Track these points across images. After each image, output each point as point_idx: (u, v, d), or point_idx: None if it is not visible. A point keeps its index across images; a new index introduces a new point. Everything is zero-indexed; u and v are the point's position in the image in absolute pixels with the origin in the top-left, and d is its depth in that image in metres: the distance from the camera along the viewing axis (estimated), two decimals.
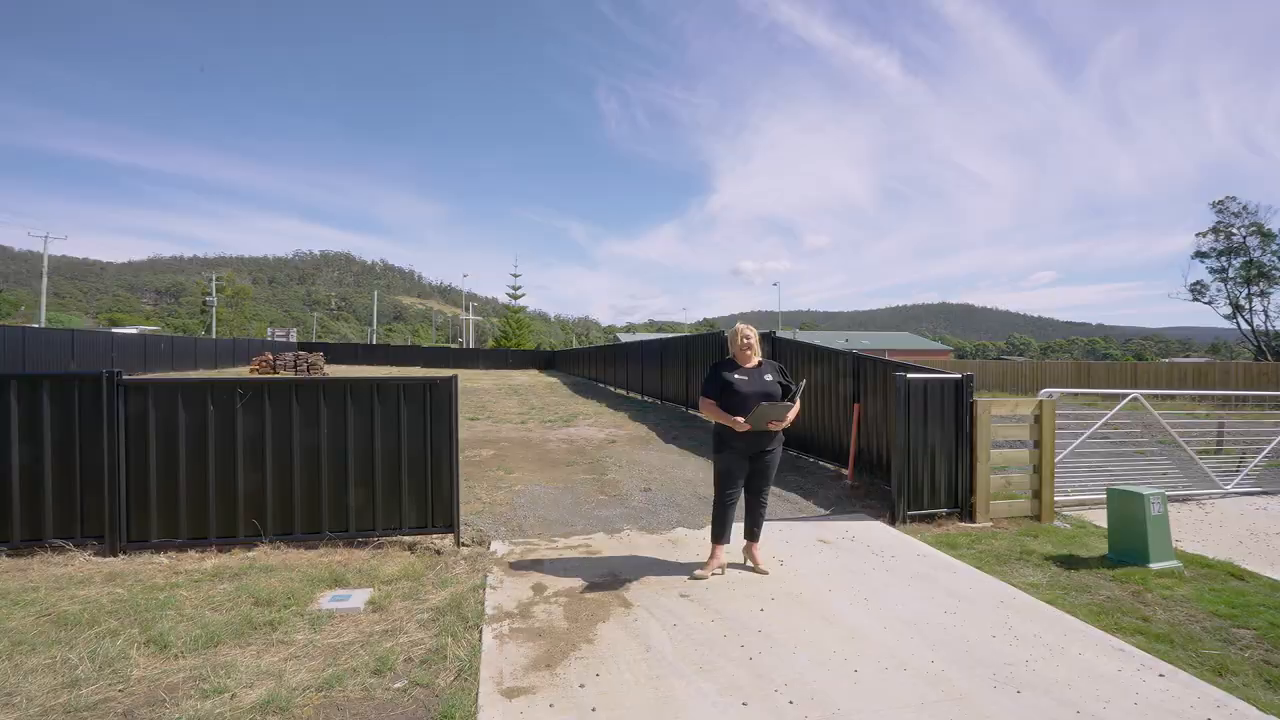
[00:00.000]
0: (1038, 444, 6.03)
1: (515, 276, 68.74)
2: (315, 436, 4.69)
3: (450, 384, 4.89)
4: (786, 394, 4.33)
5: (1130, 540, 4.71)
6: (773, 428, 4.23)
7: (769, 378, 4.34)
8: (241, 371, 28.23)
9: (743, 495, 4.47)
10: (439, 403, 4.87)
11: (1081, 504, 6.53)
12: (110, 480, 4.43)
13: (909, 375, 5.75)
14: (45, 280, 37.93)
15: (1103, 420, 6.78)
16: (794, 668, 3.10)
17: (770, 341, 10.25)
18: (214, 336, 51.03)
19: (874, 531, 5.41)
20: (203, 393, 4.58)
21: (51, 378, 4.43)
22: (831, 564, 4.61)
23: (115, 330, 33.75)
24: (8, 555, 4.37)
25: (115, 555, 4.43)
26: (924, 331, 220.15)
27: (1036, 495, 6.00)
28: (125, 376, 4.51)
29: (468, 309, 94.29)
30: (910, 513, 5.69)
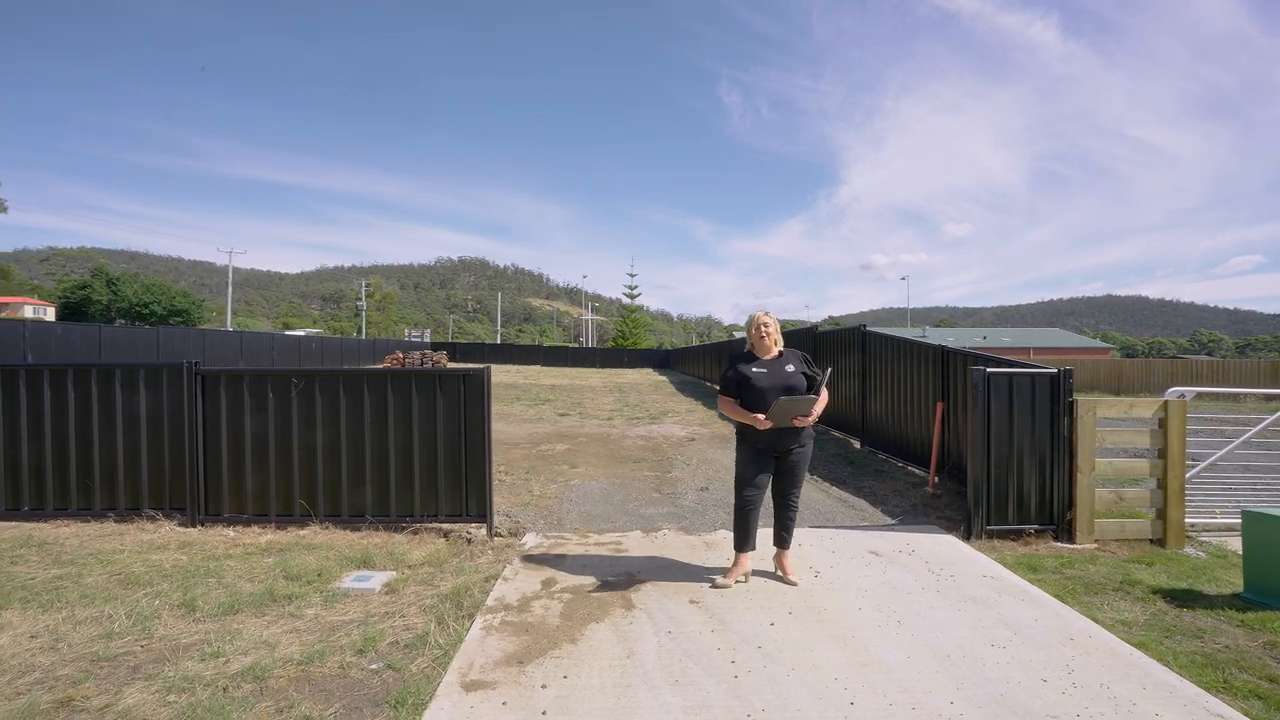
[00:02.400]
0: (1162, 453, 5.03)
1: (631, 277, 70.33)
2: (359, 424, 4.95)
3: (482, 375, 4.95)
4: (812, 386, 3.92)
5: (1273, 577, 3.75)
6: (797, 423, 3.84)
7: (790, 368, 3.95)
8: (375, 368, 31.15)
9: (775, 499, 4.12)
10: (473, 393, 4.95)
11: (1229, 529, 5.36)
12: (190, 458, 4.96)
13: (988, 369, 5.02)
14: (230, 290, 44.46)
15: (1261, 426, 5.52)
16: (780, 693, 2.75)
17: (861, 337, 9.56)
18: (359, 337, 56.89)
19: (940, 546, 4.77)
20: (264, 382, 4.99)
21: (146, 367, 5.05)
22: (875, 579, 4.10)
23: (287, 332, 38.80)
24: (115, 521, 5.03)
25: (194, 526, 4.95)
26: (1084, 329, 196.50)
27: (1161, 515, 5.00)
28: (203, 367, 5.03)
29: (588, 309, 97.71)
30: (990, 527, 4.96)
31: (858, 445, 9.47)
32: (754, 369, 3.94)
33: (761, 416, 3.78)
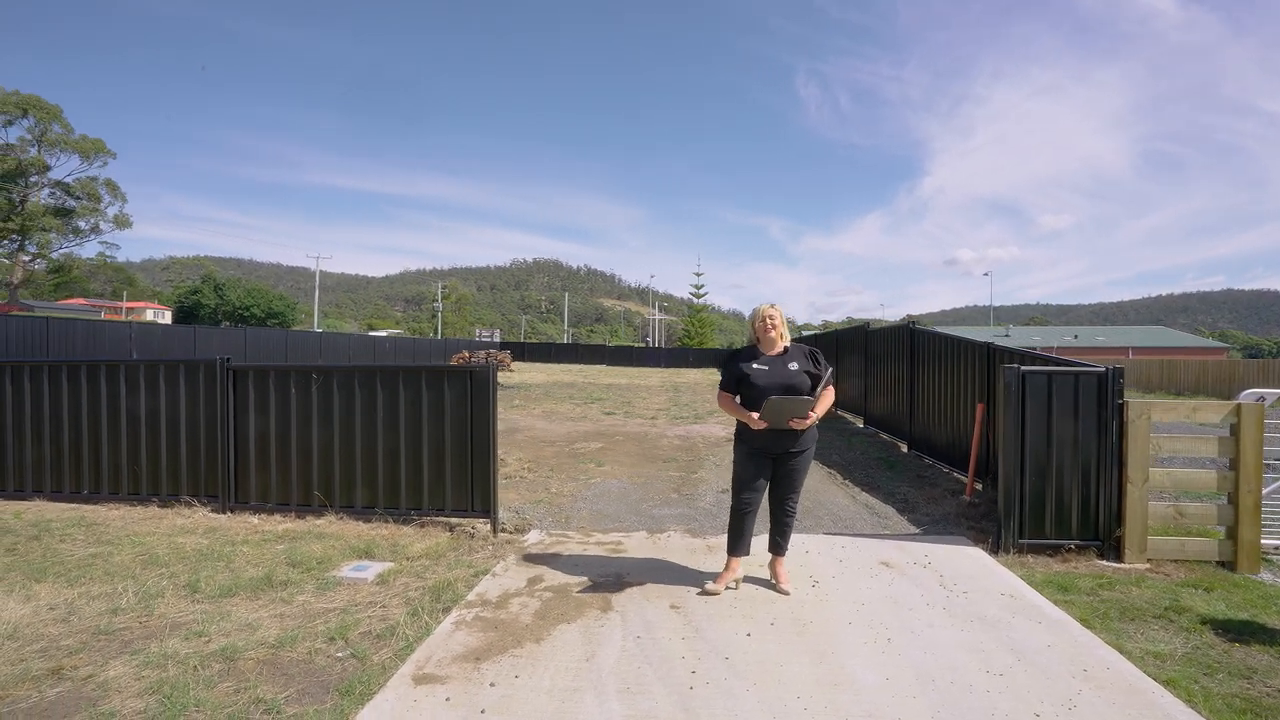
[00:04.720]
0: (1233, 464, 4.44)
1: (698, 276, 70.01)
2: (372, 418, 5.11)
3: (487, 371, 4.99)
4: (818, 385, 3.71)
5: None
6: (794, 425, 3.64)
7: (794, 366, 3.75)
8: None
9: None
10: (479, 390, 4.99)
11: None
12: (222, 449, 5.27)
13: (1023, 367, 4.60)
14: (317, 293, 47.60)
15: None
16: (732, 708, 2.59)
17: (909, 334, 9.07)
18: (432, 337, 59.41)
19: (960, 559, 4.40)
20: (287, 377, 5.24)
21: (185, 363, 5.42)
22: (878, 592, 3.82)
23: (368, 333, 41.22)
24: (158, 505, 5.42)
25: (224, 513, 5.26)
26: (1198, 327, 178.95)
27: (1231, 534, 4.42)
28: (234, 363, 5.33)
29: (655, 309, 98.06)
30: (1025, 540, 4.54)
31: (904, 448, 8.97)
32: (754, 365, 3.78)
33: (756, 415, 3.62)
